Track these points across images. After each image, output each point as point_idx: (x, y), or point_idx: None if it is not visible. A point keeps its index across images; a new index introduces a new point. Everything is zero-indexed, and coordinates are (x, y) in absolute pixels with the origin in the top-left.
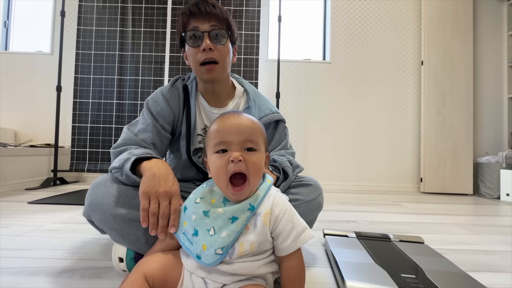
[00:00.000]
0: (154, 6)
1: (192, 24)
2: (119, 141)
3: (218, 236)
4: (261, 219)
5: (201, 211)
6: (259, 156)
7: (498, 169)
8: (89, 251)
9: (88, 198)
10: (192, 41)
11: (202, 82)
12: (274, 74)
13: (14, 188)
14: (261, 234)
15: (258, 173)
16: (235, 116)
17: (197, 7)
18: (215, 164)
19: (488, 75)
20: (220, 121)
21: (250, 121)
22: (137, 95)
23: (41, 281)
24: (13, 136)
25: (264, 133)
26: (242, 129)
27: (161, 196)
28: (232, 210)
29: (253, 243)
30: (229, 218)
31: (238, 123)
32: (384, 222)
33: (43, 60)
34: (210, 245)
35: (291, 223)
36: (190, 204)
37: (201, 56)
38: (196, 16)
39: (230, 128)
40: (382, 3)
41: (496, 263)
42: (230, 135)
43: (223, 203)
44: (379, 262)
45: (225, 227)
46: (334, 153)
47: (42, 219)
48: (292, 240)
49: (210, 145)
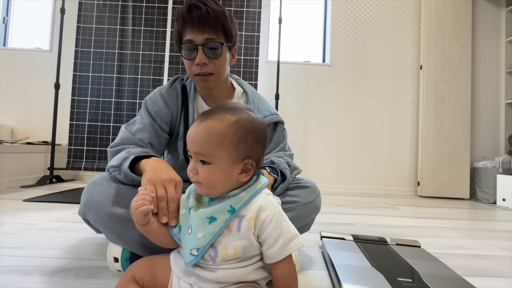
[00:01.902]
0: (154, 5)
1: (186, 35)
2: (117, 140)
3: (194, 236)
4: (245, 223)
5: (188, 208)
6: (213, 169)
7: (494, 174)
8: (84, 250)
9: (84, 197)
10: (187, 54)
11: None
12: (273, 75)
13: (9, 185)
14: (245, 238)
15: (214, 186)
16: (198, 121)
17: (190, 16)
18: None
19: (486, 80)
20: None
21: (206, 131)
22: (136, 94)
23: (34, 280)
24: (10, 133)
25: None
26: (194, 141)
27: (167, 182)
28: (211, 210)
29: (237, 247)
30: (207, 218)
31: (194, 132)
32: (381, 225)
33: (42, 57)
34: (186, 244)
35: (278, 230)
36: (183, 198)
37: (196, 69)
38: (190, 26)
39: (188, 136)
40: (382, 7)
41: (492, 268)
42: (188, 144)
43: (208, 202)
44: (375, 265)
45: (201, 227)
46: (332, 156)
47: (37, 217)
48: (279, 247)
49: None
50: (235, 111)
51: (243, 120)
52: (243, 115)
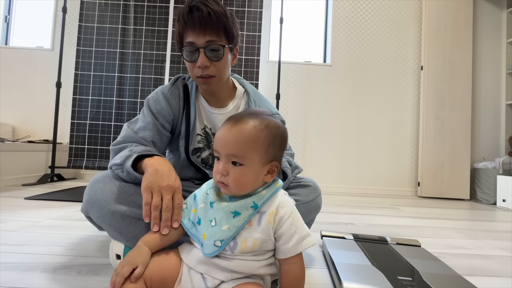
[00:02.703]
0: (156, 5)
1: (188, 37)
2: (119, 138)
3: (219, 228)
4: (266, 217)
5: (209, 202)
6: (245, 171)
7: (495, 175)
8: (86, 247)
9: (86, 194)
10: (189, 56)
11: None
12: (274, 75)
13: (11, 183)
14: (265, 232)
15: (242, 186)
16: (229, 125)
17: (191, 18)
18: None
19: (486, 81)
20: (221, 127)
21: (241, 134)
22: (137, 93)
23: (37, 277)
24: (11, 131)
25: (267, 143)
26: (228, 142)
27: (164, 190)
28: (235, 205)
29: (255, 240)
30: (231, 212)
31: (227, 134)
32: (382, 225)
33: (44, 56)
34: (210, 235)
35: (294, 227)
36: (200, 193)
37: (197, 72)
38: (192, 28)
39: (219, 139)
40: (383, 7)
41: (492, 268)
42: (218, 146)
43: (229, 198)
44: (376, 264)
45: (226, 220)
46: (333, 156)
47: (39, 215)
48: (294, 243)
49: None
50: (262, 116)
51: (271, 125)
52: (270, 120)
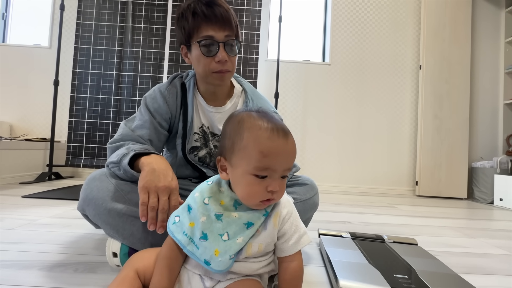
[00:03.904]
0: (154, 3)
1: (206, 31)
2: (116, 136)
3: (233, 241)
4: (271, 221)
5: (213, 214)
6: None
7: (492, 174)
8: (83, 245)
9: (83, 192)
10: (207, 51)
11: (205, 83)
12: (273, 74)
13: (8, 182)
14: (270, 236)
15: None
16: (285, 140)
17: (212, 11)
18: (250, 187)
19: (484, 80)
20: (271, 143)
21: (295, 146)
22: (135, 92)
23: (33, 274)
24: (9, 130)
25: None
26: (289, 159)
27: (161, 191)
28: (248, 216)
29: (261, 245)
30: (244, 224)
31: (288, 150)
32: (379, 224)
33: (41, 54)
34: (225, 251)
35: (294, 226)
36: (198, 204)
37: (216, 67)
38: (211, 22)
39: (280, 157)
40: (382, 7)
41: (488, 266)
42: (278, 164)
43: (234, 206)
44: (372, 262)
45: (241, 233)
46: (331, 154)
47: (36, 213)
48: (294, 241)
49: (249, 162)
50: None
51: None
52: None
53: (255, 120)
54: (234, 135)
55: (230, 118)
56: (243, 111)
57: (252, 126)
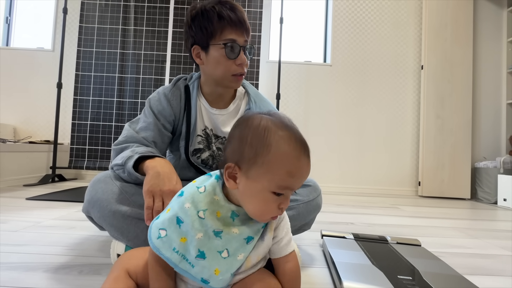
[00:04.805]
0: (156, 5)
1: (230, 34)
2: (121, 138)
3: (234, 259)
4: (268, 231)
5: (211, 231)
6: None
7: (495, 174)
8: (87, 247)
9: (88, 194)
10: (231, 54)
11: (214, 85)
12: (275, 75)
13: (12, 184)
14: (267, 246)
15: None
16: (308, 159)
17: (236, 17)
18: (266, 205)
19: (487, 80)
20: (298, 163)
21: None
22: (137, 94)
23: (38, 276)
24: (12, 132)
25: None
26: (306, 177)
27: (166, 195)
28: (249, 231)
29: (259, 256)
30: (244, 239)
31: (308, 170)
32: (382, 225)
33: (44, 57)
34: (226, 269)
35: (286, 228)
36: (191, 219)
37: (236, 69)
38: (236, 26)
39: (303, 178)
40: (383, 7)
41: (492, 267)
42: (298, 184)
43: (231, 217)
44: (376, 263)
45: (242, 249)
46: (333, 155)
47: (40, 215)
48: (285, 242)
49: (272, 179)
50: None
51: None
52: None
53: (283, 133)
54: (258, 145)
55: (246, 121)
56: (263, 116)
57: (280, 140)
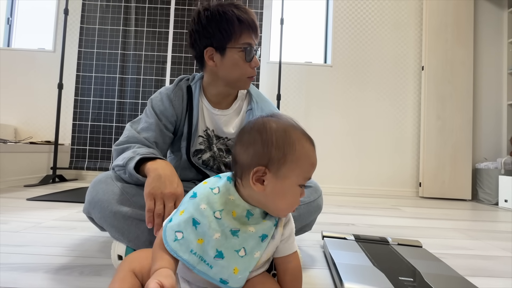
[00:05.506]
0: (157, 6)
1: (247, 38)
2: (122, 138)
3: (251, 257)
4: (279, 229)
5: (228, 230)
6: None
7: (496, 175)
8: (88, 248)
9: (88, 195)
10: (249, 57)
11: (221, 86)
12: (275, 76)
13: (13, 184)
14: (276, 244)
15: None
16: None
17: (253, 21)
18: (294, 198)
19: (488, 81)
20: (314, 154)
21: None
22: (138, 94)
23: (39, 277)
24: (13, 133)
25: None
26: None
27: (167, 198)
28: (263, 229)
29: (269, 253)
30: (259, 237)
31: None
32: (383, 226)
33: (45, 58)
34: (245, 268)
35: (291, 228)
36: (208, 219)
37: (251, 72)
38: (252, 31)
39: (314, 164)
40: (383, 7)
41: (494, 268)
42: (312, 170)
43: (246, 216)
44: (377, 264)
45: (257, 247)
46: (334, 156)
47: (41, 216)
48: (291, 242)
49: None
50: None
51: None
52: None
53: (297, 131)
54: (284, 146)
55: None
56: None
57: (300, 139)
